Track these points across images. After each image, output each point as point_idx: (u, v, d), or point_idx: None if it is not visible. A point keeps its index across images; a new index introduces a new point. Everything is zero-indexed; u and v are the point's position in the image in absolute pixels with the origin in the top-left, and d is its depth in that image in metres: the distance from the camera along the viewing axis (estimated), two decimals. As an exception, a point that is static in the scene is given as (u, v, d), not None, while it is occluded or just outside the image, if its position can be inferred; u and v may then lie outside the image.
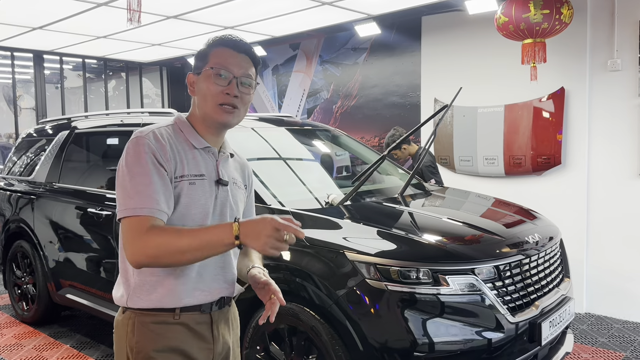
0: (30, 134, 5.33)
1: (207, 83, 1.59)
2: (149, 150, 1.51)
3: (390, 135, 5.11)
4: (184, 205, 1.55)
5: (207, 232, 1.47)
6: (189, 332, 1.60)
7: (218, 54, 1.62)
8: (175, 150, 1.57)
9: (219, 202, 1.63)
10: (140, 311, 1.58)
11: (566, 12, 4.19)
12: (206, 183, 1.60)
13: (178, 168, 1.56)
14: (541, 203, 4.75)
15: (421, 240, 2.72)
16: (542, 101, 5.04)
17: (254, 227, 1.41)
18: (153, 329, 1.57)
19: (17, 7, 5.09)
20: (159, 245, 1.45)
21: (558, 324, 2.85)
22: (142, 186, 1.48)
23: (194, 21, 5.73)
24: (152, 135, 1.55)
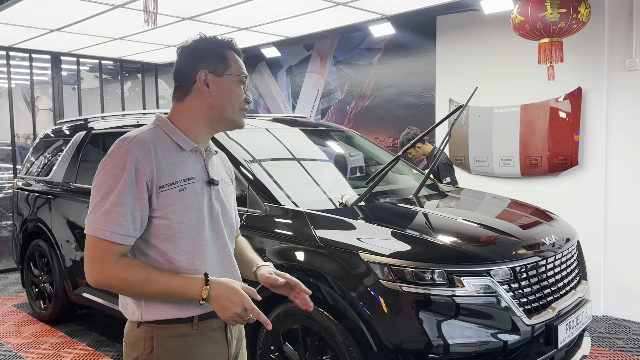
0: (48, 134, 5.39)
1: (235, 88, 1.61)
2: (132, 164, 1.45)
3: (405, 134, 5.10)
4: (178, 213, 1.50)
5: (175, 282, 1.46)
6: (206, 341, 1.58)
7: (236, 59, 1.64)
8: (160, 157, 1.50)
9: (213, 203, 1.59)
10: (158, 324, 1.53)
11: (583, 11, 4.14)
12: (197, 186, 1.55)
13: (163, 176, 1.49)
14: (558, 204, 4.69)
15: (436, 241, 2.71)
16: (558, 101, 4.98)
17: (226, 296, 1.45)
18: (172, 345, 1.53)
19: (35, 9, 5.15)
20: (124, 281, 1.44)
21: (575, 327, 2.81)
22: (111, 205, 1.43)
23: (209, 22, 5.76)
24: (137, 144, 1.48)
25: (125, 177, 1.44)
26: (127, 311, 1.59)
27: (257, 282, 1.76)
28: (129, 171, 1.44)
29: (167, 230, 1.50)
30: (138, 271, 1.44)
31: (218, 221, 1.61)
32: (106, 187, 1.45)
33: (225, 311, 1.44)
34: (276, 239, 2.93)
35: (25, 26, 5.80)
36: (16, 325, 4.85)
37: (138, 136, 1.52)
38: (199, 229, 1.55)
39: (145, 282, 1.44)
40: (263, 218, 3.04)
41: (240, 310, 1.43)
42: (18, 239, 5.23)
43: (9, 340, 4.49)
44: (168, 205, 1.49)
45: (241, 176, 3.22)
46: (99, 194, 1.45)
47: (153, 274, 1.46)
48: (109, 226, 1.42)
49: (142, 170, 1.45)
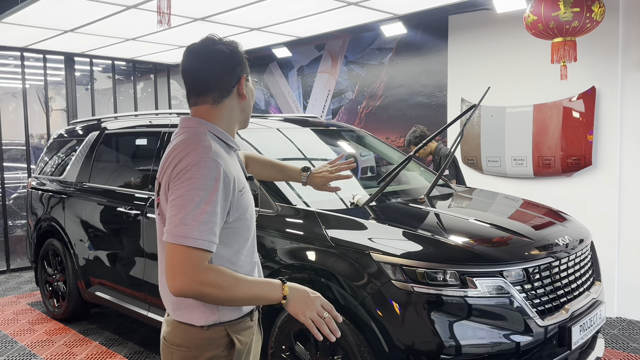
0: (61, 134, 5.45)
1: (251, 90, 1.72)
2: (221, 174, 1.48)
3: (412, 132, 5.10)
4: (250, 212, 1.63)
5: (260, 287, 1.56)
6: (256, 331, 1.73)
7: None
8: (229, 164, 1.56)
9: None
10: (231, 323, 1.61)
11: (597, 9, 4.10)
12: (248, 185, 1.66)
13: (238, 180, 1.56)
14: (571, 205, 4.65)
15: (448, 241, 2.69)
16: (572, 101, 4.94)
17: (305, 297, 1.57)
18: (244, 337, 1.65)
19: (49, 10, 5.20)
20: (217, 287, 1.46)
21: (589, 328, 2.79)
22: (207, 215, 1.44)
23: (221, 23, 5.78)
24: (219, 154, 1.52)
25: (217, 188, 1.47)
26: (194, 317, 1.59)
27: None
28: (219, 182, 1.47)
29: (244, 230, 1.60)
30: (228, 276, 1.49)
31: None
32: (199, 198, 1.45)
33: (306, 307, 1.55)
34: (287, 238, 2.93)
35: (39, 27, 5.86)
36: (30, 324, 4.90)
37: (212, 145, 1.54)
38: (253, 226, 1.67)
39: (235, 286, 1.49)
40: (274, 218, 3.04)
41: (318, 306, 1.56)
42: (32, 238, 5.28)
43: (23, 338, 4.54)
44: (244, 206, 1.58)
45: (253, 176, 3.22)
46: (190, 205, 1.44)
47: (240, 278, 1.52)
48: (207, 236, 1.44)
49: (227, 179, 1.50)
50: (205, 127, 1.61)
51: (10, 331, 4.70)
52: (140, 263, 3.87)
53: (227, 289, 1.47)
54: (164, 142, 3.95)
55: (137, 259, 3.91)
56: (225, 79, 1.64)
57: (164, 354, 1.65)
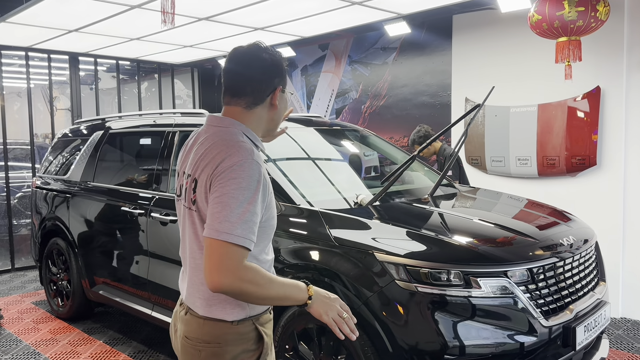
0: (66, 134, 5.46)
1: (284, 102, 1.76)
2: (262, 177, 1.55)
3: (416, 132, 5.09)
4: (275, 213, 1.70)
5: (289, 287, 1.61)
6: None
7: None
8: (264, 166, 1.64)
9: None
10: (257, 317, 1.68)
11: (602, 9, 4.08)
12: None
13: (270, 184, 1.64)
14: (576, 205, 4.64)
15: (452, 241, 2.69)
16: (576, 101, 4.93)
17: (326, 299, 1.65)
18: (267, 329, 1.71)
19: (54, 10, 5.22)
20: (255, 284, 1.50)
21: (593, 329, 2.78)
22: (249, 214, 1.50)
23: (225, 23, 5.78)
24: (259, 156, 1.60)
25: (259, 188, 1.53)
26: (226, 312, 1.63)
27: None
28: (260, 183, 1.54)
29: (269, 230, 1.67)
30: (264, 275, 1.54)
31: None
32: (243, 197, 1.50)
33: (328, 308, 1.63)
34: (291, 238, 2.93)
35: (44, 27, 5.87)
36: (34, 322, 4.92)
37: (252, 147, 1.61)
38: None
39: (269, 285, 1.54)
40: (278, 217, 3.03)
41: (338, 306, 1.65)
42: (37, 237, 5.30)
43: (28, 336, 4.55)
44: (272, 207, 1.65)
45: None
46: (235, 203, 1.49)
47: (272, 277, 1.57)
48: (248, 234, 1.49)
49: (265, 181, 1.58)
50: (239, 128, 1.66)
51: (15, 330, 4.72)
52: (144, 262, 3.88)
53: (262, 287, 1.52)
54: (168, 142, 3.95)
55: (141, 258, 3.92)
56: (261, 86, 1.68)
57: (188, 353, 1.66)
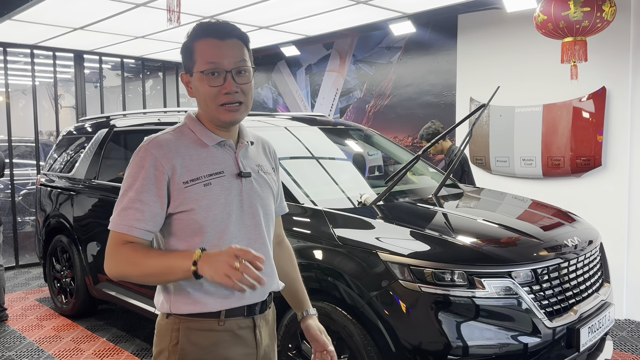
0: (71, 131, 5.47)
1: (202, 86, 1.51)
2: (151, 163, 1.48)
3: (427, 127, 5.07)
4: (203, 208, 1.50)
5: (171, 257, 1.45)
6: (233, 338, 1.56)
7: (203, 48, 1.51)
8: (183, 154, 1.52)
9: (245, 195, 1.57)
10: (186, 317, 1.53)
11: (608, 9, 4.07)
12: (225, 180, 1.54)
13: (187, 172, 1.50)
14: (580, 205, 4.62)
15: (456, 241, 2.68)
16: (582, 101, 4.91)
17: (215, 255, 1.36)
18: (198, 338, 1.53)
19: (59, 8, 5.23)
20: (126, 264, 1.46)
21: (597, 330, 2.77)
22: (130, 202, 1.48)
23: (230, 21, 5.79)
24: (156, 143, 1.51)
25: (144, 175, 1.48)
26: (158, 302, 1.60)
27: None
28: (147, 169, 1.48)
29: (194, 225, 1.51)
30: (139, 250, 1.46)
31: (251, 213, 1.58)
32: (126, 185, 1.50)
33: (216, 266, 1.33)
34: (294, 237, 2.93)
35: (49, 24, 5.89)
36: (38, 319, 4.94)
37: (160, 136, 1.55)
38: (226, 222, 1.53)
39: (145, 259, 1.45)
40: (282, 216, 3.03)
41: (228, 257, 1.32)
42: (41, 234, 5.32)
43: (31, 333, 4.57)
44: (193, 200, 1.50)
45: (260, 174, 3.22)
46: (121, 192, 1.51)
47: (151, 252, 1.48)
48: (127, 221, 1.47)
49: (160, 168, 1.48)
50: (187, 120, 1.60)
51: (19, 327, 4.74)
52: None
53: (138, 265, 1.45)
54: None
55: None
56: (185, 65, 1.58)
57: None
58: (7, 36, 6.43)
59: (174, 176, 1.49)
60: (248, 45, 1.57)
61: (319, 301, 2.73)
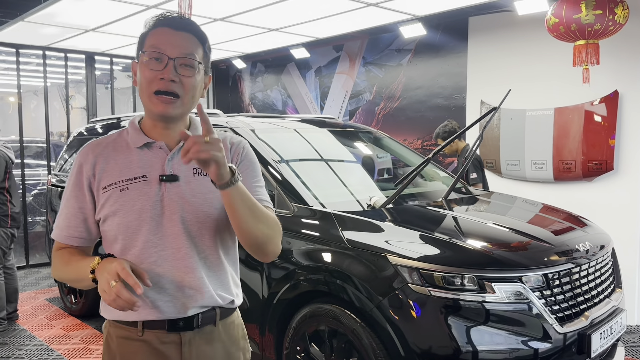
0: (81, 132, 5.50)
1: (142, 69, 1.41)
2: (77, 170, 1.50)
3: (443, 126, 5.04)
4: (119, 214, 1.43)
5: (81, 263, 1.43)
6: (153, 352, 1.46)
7: (155, 35, 1.43)
8: (108, 158, 1.47)
9: (167, 201, 1.44)
10: (113, 323, 1.52)
11: (620, 12, 4.03)
12: (145, 184, 1.44)
13: (106, 177, 1.45)
14: (592, 210, 4.58)
15: (466, 245, 2.66)
16: (594, 104, 4.87)
17: (105, 268, 1.31)
18: (118, 345, 1.50)
19: (71, 10, 5.27)
20: (58, 269, 1.52)
21: (609, 336, 2.74)
22: (61, 209, 1.53)
23: (240, 23, 5.80)
24: (85, 149, 1.53)
25: (71, 181, 1.51)
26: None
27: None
28: (75, 175, 1.50)
29: (111, 232, 1.46)
30: (61, 258, 1.50)
31: (173, 220, 1.44)
32: (64, 193, 1.55)
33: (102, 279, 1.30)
34: (303, 239, 2.93)
35: (61, 26, 5.93)
36: (48, 319, 4.96)
37: (93, 141, 1.55)
38: (141, 230, 1.43)
39: (65, 266, 1.48)
40: (291, 218, 3.03)
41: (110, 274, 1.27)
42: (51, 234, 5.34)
43: (41, 333, 4.59)
44: (109, 206, 1.44)
45: (269, 176, 3.23)
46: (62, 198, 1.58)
47: (74, 257, 1.48)
48: (56, 227, 1.54)
49: (84, 173, 1.48)
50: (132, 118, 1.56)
51: (29, 326, 4.76)
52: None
53: (61, 271, 1.51)
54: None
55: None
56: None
57: None
58: (19, 37, 6.49)
59: (94, 181, 1.47)
60: (205, 46, 1.48)
61: (327, 304, 2.72)
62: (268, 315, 3.02)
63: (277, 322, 2.99)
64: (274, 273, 3.01)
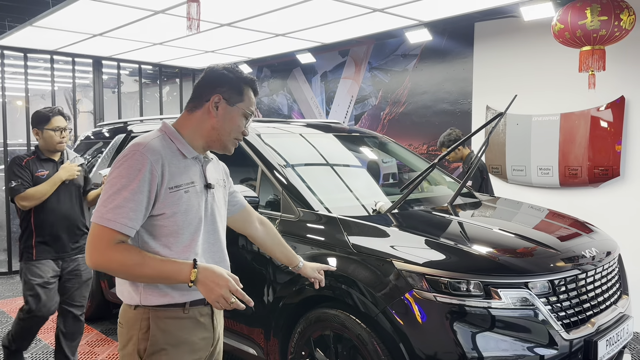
0: (88, 136, 5.53)
1: (238, 120, 1.82)
2: (147, 167, 1.64)
3: (447, 134, 5.03)
4: (183, 212, 1.72)
5: (167, 266, 1.65)
6: (196, 324, 1.79)
7: (249, 95, 1.84)
8: (169, 162, 1.71)
9: (209, 205, 1.83)
10: (154, 308, 1.72)
11: (626, 18, 4.03)
12: (197, 189, 1.78)
13: (172, 179, 1.70)
14: (598, 216, 4.56)
15: (472, 251, 2.66)
16: (600, 110, 4.86)
17: (212, 279, 1.63)
18: (166, 325, 1.73)
19: (79, 15, 5.31)
20: (121, 264, 1.62)
21: (615, 343, 2.72)
22: (124, 201, 1.62)
23: (247, 29, 5.83)
24: (150, 149, 1.68)
25: (140, 177, 1.63)
26: (124, 295, 1.78)
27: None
28: (143, 172, 1.64)
29: (172, 226, 1.71)
30: (134, 254, 1.63)
31: (212, 219, 1.85)
32: (120, 184, 1.63)
33: (211, 292, 1.63)
34: (309, 244, 2.93)
35: (69, 31, 5.98)
36: (53, 322, 4.97)
37: (151, 142, 1.71)
38: (198, 226, 1.77)
39: (140, 264, 1.62)
40: (296, 223, 3.04)
41: (224, 291, 1.62)
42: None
43: (47, 336, 4.61)
44: (175, 204, 1.70)
45: (275, 181, 3.23)
46: (112, 189, 1.64)
47: (148, 257, 1.64)
48: (120, 218, 1.61)
49: (155, 172, 1.66)
50: (164, 129, 1.80)
51: (35, 329, 4.78)
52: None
53: (132, 267, 1.61)
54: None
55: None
56: (203, 91, 1.81)
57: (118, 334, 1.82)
58: (27, 42, 6.54)
59: (163, 181, 1.68)
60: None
61: (332, 309, 2.72)
62: (273, 320, 3.02)
63: (282, 326, 2.99)
64: (279, 277, 3.01)
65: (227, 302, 1.62)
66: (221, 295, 1.61)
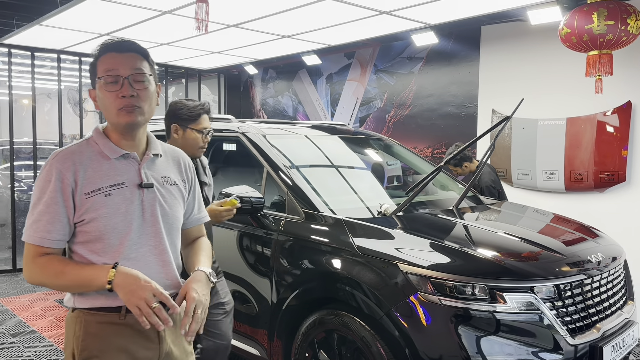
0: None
1: (102, 93, 1.64)
2: (56, 176, 1.60)
3: (450, 152, 4.98)
4: (104, 216, 1.62)
5: (85, 271, 1.59)
6: (135, 333, 1.66)
7: (105, 61, 1.65)
8: (86, 166, 1.64)
9: (147, 205, 1.69)
10: (87, 311, 1.66)
11: (633, 23, 4.01)
12: (126, 190, 1.66)
13: (88, 184, 1.62)
14: (603, 221, 4.54)
15: (477, 254, 2.65)
16: (606, 115, 4.84)
17: (131, 282, 1.55)
18: (99, 329, 1.65)
19: (86, 15, 5.33)
20: (45, 276, 1.61)
21: (620, 349, 2.71)
22: (40, 214, 1.60)
23: (253, 30, 5.84)
24: (60, 158, 1.63)
25: (50, 188, 1.60)
26: (66, 298, 1.73)
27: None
28: (53, 182, 1.60)
29: (95, 232, 1.63)
30: (55, 264, 1.61)
31: (154, 220, 1.70)
32: (35, 198, 1.63)
33: (131, 295, 1.53)
34: (312, 245, 2.92)
35: (76, 30, 6.00)
36: (57, 320, 4.99)
37: (64, 150, 1.67)
38: (127, 229, 1.65)
39: (61, 273, 1.59)
40: (301, 224, 3.04)
41: (147, 294, 1.53)
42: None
43: (50, 334, 4.62)
44: (93, 209, 1.62)
45: (280, 182, 3.23)
46: (31, 205, 1.64)
47: (68, 266, 1.61)
48: (38, 232, 1.60)
49: (66, 180, 1.61)
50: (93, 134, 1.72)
51: (39, 327, 4.79)
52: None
53: (54, 277, 1.60)
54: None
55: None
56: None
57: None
58: (35, 41, 6.57)
59: (77, 187, 1.62)
60: (148, 59, 1.71)
61: (337, 310, 2.72)
62: (277, 321, 3.02)
63: (286, 328, 2.99)
64: (283, 279, 3.01)
65: (150, 305, 1.51)
66: (143, 298, 1.51)
